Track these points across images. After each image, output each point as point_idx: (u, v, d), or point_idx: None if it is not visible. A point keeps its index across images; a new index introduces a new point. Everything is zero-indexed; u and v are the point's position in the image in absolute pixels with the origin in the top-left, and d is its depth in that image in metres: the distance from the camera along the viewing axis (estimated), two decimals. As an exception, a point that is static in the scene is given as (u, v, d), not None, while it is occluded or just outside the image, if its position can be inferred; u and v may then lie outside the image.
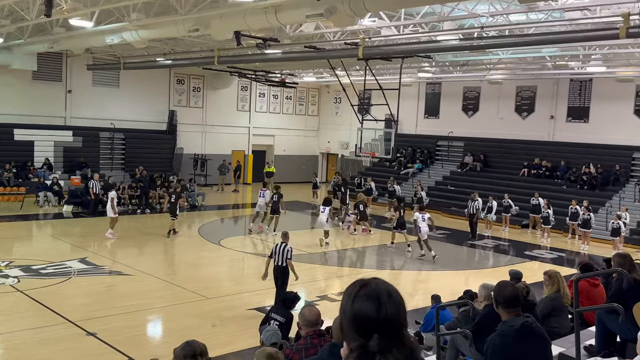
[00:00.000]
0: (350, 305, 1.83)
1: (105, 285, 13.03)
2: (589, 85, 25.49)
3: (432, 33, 16.62)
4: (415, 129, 31.77)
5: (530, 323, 4.20)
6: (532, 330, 4.21)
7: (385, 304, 1.79)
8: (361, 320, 1.79)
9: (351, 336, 1.83)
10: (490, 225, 21.92)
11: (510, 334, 4.19)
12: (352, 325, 1.81)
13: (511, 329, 4.19)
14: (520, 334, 4.15)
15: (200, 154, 31.15)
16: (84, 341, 9.44)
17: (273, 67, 27.24)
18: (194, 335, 5.38)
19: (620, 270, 5.89)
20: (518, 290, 4.63)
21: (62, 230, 19.68)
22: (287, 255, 11.11)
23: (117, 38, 17.35)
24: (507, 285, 4.51)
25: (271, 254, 11.25)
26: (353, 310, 1.81)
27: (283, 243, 11.23)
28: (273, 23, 13.32)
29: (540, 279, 9.12)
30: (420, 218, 16.88)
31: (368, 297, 1.81)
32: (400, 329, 1.81)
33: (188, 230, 21.80)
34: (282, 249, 11.14)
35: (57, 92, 26.87)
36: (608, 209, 21.64)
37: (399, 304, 1.82)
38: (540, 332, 4.32)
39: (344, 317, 1.85)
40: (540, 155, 25.96)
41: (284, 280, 11.13)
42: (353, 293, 1.85)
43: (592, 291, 7.71)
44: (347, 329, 1.84)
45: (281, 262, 11.12)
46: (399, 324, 1.81)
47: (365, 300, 1.80)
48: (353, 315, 1.81)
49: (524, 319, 4.24)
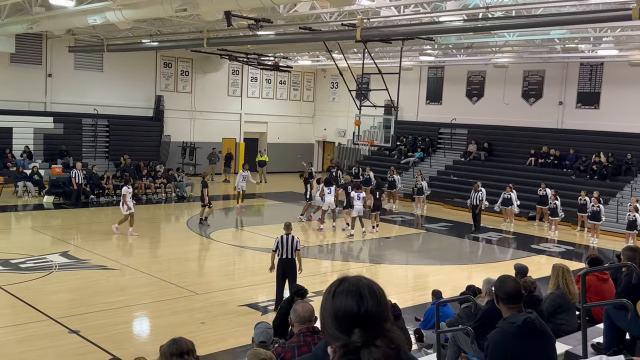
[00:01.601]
0: (331, 301, 1.89)
1: (89, 280, 13.03)
2: (600, 69, 25.50)
3: (434, 14, 16.57)
4: (417, 116, 31.76)
5: (532, 319, 4.22)
6: (535, 327, 4.23)
7: (366, 298, 1.86)
8: (342, 315, 1.86)
9: (333, 334, 1.89)
10: (511, 218, 21.98)
11: (511, 331, 4.20)
12: (334, 322, 1.87)
13: (513, 326, 4.20)
14: (523, 330, 4.17)
15: (188, 141, 31.11)
16: (66, 339, 9.47)
17: (266, 49, 27.14)
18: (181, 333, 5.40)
19: (630, 264, 5.91)
20: (520, 284, 4.65)
21: (43, 222, 19.66)
22: (296, 246, 11.11)
23: (100, 18, 17.25)
24: (509, 279, 4.52)
25: (276, 248, 11.16)
26: (334, 307, 1.88)
27: (288, 234, 11.22)
28: (266, 3, 13.26)
29: (546, 274, 9.17)
30: (356, 197, 18.42)
31: (348, 292, 1.88)
32: (382, 323, 1.87)
33: (176, 222, 21.84)
34: (290, 241, 11.11)
35: (37, 76, 26.75)
36: (619, 200, 21.70)
37: (379, 298, 1.89)
38: (544, 329, 4.34)
39: (325, 314, 1.91)
40: (548, 143, 25.99)
41: (294, 274, 11.13)
42: (333, 289, 1.92)
43: (601, 286, 7.75)
44: (329, 327, 1.90)
45: (289, 255, 11.10)
46: (381, 318, 1.87)
47: (346, 296, 1.87)
48: (334, 312, 1.87)
49: (526, 315, 4.25)
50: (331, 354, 1.90)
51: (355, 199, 18.49)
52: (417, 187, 24.41)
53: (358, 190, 18.92)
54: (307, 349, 4.84)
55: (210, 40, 20.97)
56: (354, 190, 18.97)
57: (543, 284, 9.34)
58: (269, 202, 25.77)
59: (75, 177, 21.64)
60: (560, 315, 7.37)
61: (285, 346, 5.22)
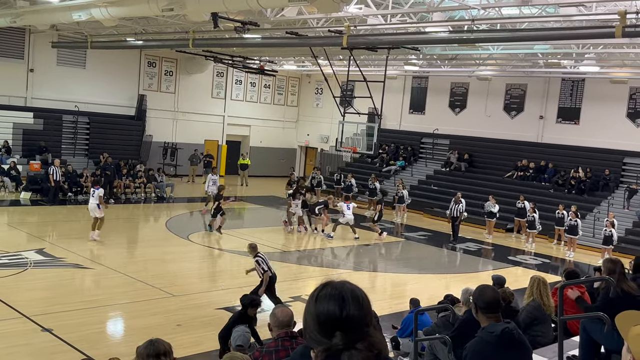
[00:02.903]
0: (314, 305, 1.92)
1: (64, 279, 12.87)
2: (581, 85, 25.82)
3: (420, 24, 16.68)
4: (400, 125, 31.90)
5: (511, 329, 4.23)
6: (513, 337, 4.24)
7: (349, 302, 1.88)
8: (324, 319, 1.88)
9: (315, 338, 1.91)
10: (491, 230, 22.15)
11: (490, 341, 4.21)
12: (316, 325, 1.89)
13: (491, 336, 4.21)
14: (501, 340, 4.18)
15: (170, 142, 30.90)
16: (39, 337, 9.33)
17: (251, 53, 27.10)
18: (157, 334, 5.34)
19: (608, 278, 5.97)
20: (499, 294, 4.67)
21: (19, 218, 19.39)
22: None
23: (85, 15, 17.08)
24: (488, 289, 4.54)
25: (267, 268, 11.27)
26: (317, 310, 1.90)
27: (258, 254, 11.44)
28: (253, 6, 13.23)
29: (523, 286, 9.24)
30: (346, 207, 19.25)
31: (331, 296, 1.90)
32: (364, 327, 1.89)
33: (155, 223, 21.66)
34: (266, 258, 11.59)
35: (18, 70, 26.40)
36: (596, 215, 21.97)
37: (362, 303, 1.91)
38: (521, 340, 4.36)
39: (308, 317, 1.93)
40: (528, 156, 26.25)
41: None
42: (316, 293, 1.94)
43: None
44: (311, 330, 1.92)
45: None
46: (363, 322, 1.89)
47: (329, 300, 1.89)
48: (317, 315, 1.89)
49: (505, 324, 4.26)
50: (313, 357, 1.90)
51: (345, 208, 19.17)
52: (398, 195, 24.50)
53: (347, 201, 19.83)
54: (285, 353, 4.81)
55: (195, 41, 20.87)
56: (343, 201, 20.02)
57: (519, 295, 9.39)
58: (249, 206, 25.67)
59: (53, 174, 21.37)
60: (536, 327, 7.42)
61: (263, 350, 5.18)
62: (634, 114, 24.36)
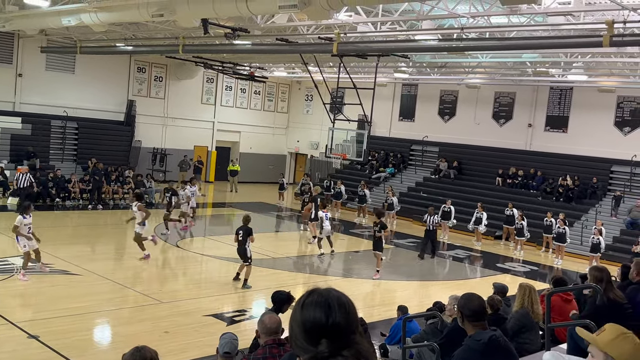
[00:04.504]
0: (300, 312, 1.92)
1: (50, 285, 12.76)
2: (569, 94, 26.02)
3: (410, 32, 16.76)
4: (389, 132, 31.97)
5: (497, 337, 4.24)
6: (500, 344, 4.25)
7: (334, 309, 1.88)
8: (310, 326, 1.88)
9: (301, 346, 1.91)
10: (479, 237, 22.18)
11: (477, 349, 4.22)
12: (302, 333, 1.90)
13: (479, 343, 4.22)
14: (488, 348, 4.19)
15: (159, 148, 30.79)
16: (25, 344, 9.24)
17: (242, 59, 27.10)
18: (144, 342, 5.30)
19: (595, 285, 5.99)
20: (484, 302, 4.68)
21: (6, 224, 19.13)
22: None
23: (75, 20, 17.03)
24: (474, 297, 4.55)
25: None
26: (303, 317, 1.90)
27: None
28: (243, 12, 13.24)
29: (511, 293, 9.26)
30: (324, 216, 18.00)
31: (317, 303, 1.91)
32: (350, 335, 1.89)
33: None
34: None
35: (7, 75, 26.25)
36: (584, 222, 22.09)
37: (348, 310, 1.91)
38: (508, 347, 4.37)
39: (293, 325, 1.94)
40: (517, 164, 26.38)
41: None
42: (302, 300, 1.95)
43: (564, 307, 7.84)
44: (297, 338, 1.92)
45: None
46: (349, 329, 1.89)
47: (315, 307, 1.90)
48: (303, 322, 1.90)
49: (492, 332, 4.27)
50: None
51: (324, 219, 18.00)
52: (388, 202, 24.53)
53: (325, 210, 18.48)
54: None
55: (185, 47, 20.85)
56: (321, 210, 18.31)
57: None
58: (239, 212, 25.56)
59: (19, 181, 21.02)
60: (524, 334, 7.43)
61: (250, 358, 5.16)
62: (621, 122, 24.57)
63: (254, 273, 13.91)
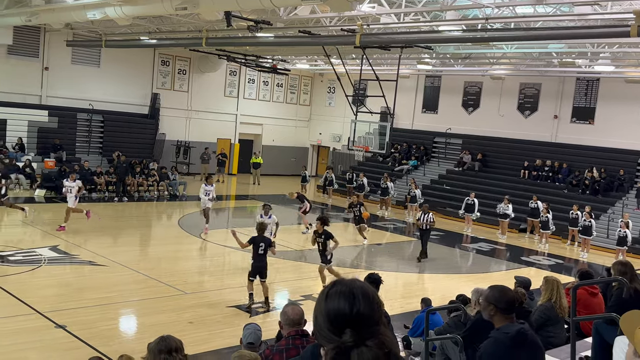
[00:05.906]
0: (324, 302, 1.92)
1: (77, 276, 12.96)
2: (596, 85, 25.62)
3: (433, 23, 16.61)
4: (412, 124, 31.80)
5: (525, 330, 4.22)
6: (527, 337, 4.23)
7: (359, 299, 1.88)
8: (334, 316, 1.88)
9: (326, 336, 1.91)
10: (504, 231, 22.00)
11: (504, 341, 4.19)
12: (326, 323, 1.90)
13: (506, 336, 4.19)
14: (516, 341, 4.17)
15: (183, 140, 31.02)
16: (52, 334, 9.40)
17: (264, 51, 27.14)
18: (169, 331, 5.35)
19: (621, 279, 5.92)
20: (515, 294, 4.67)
21: (34, 215, 19.52)
22: None
23: (100, 13, 17.19)
24: (507, 289, 4.53)
25: None
26: (327, 308, 1.91)
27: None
28: (266, 5, 13.25)
29: (536, 286, 9.18)
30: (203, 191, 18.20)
31: (341, 293, 1.91)
32: (374, 325, 1.89)
33: (168, 220, 21.76)
34: None
35: (34, 68, 26.63)
36: (610, 215, 21.78)
37: (372, 300, 1.91)
38: (535, 340, 4.34)
39: (318, 315, 1.94)
40: (542, 156, 26.07)
41: None
42: (326, 291, 1.95)
43: (590, 300, 7.76)
44: (322, 328, 1.92)
45: None
46: (373, 320, 1.89)
47: (339, 297, 1.90)
48: (327, 312, 1.90)
49: (520, 325, 4.25)
50: (323, 355, 1.91)
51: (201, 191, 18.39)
52: (411, 195, 24.42)
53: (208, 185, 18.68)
54: (296, 352, 4.80)
55: (209, 40, 20.94)
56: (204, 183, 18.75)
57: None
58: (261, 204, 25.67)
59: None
60: (548, 327, 7.37)
61: (273, 349, 5.18)
62: (649, 114, 24.14)
63: (276, 265, 13.95)
